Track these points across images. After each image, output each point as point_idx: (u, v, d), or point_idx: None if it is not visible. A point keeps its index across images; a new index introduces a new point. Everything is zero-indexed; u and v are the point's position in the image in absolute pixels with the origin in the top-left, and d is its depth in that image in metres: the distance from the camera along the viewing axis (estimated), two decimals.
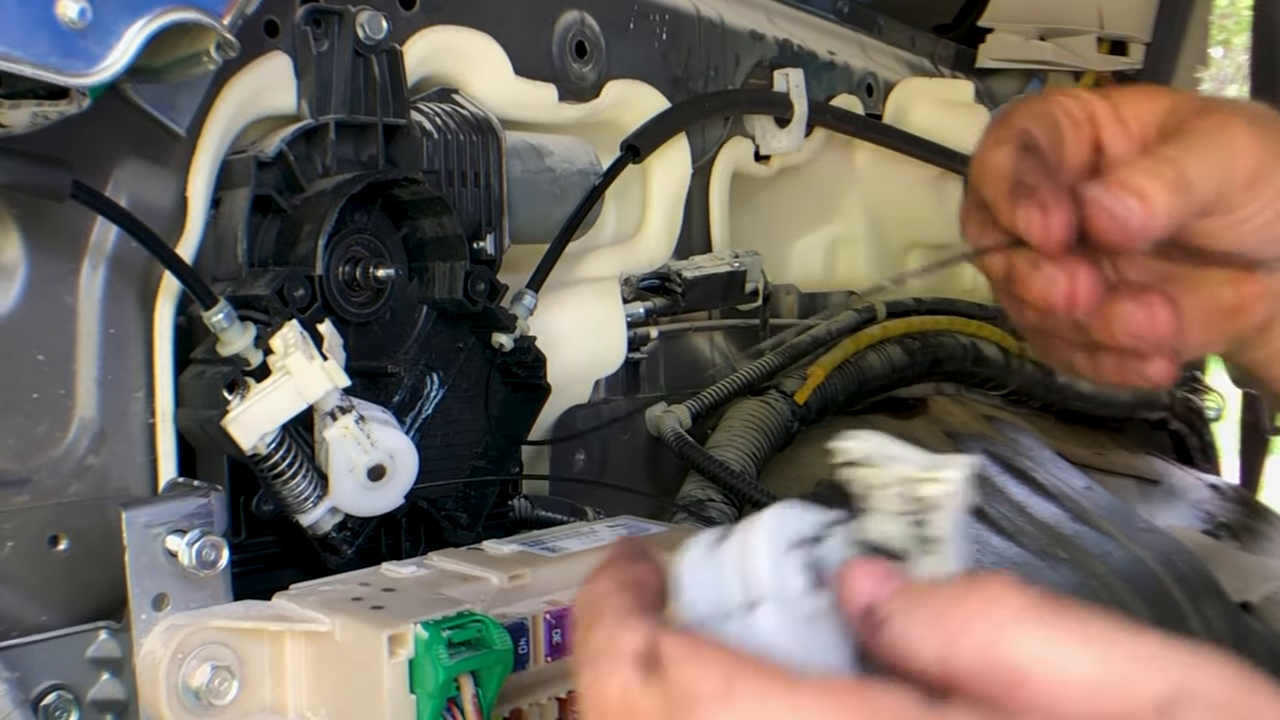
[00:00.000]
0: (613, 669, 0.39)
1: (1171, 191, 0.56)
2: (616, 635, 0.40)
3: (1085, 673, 0.35)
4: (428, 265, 0.82)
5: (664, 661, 0.38)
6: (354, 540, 0.76)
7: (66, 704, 0.64)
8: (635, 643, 0.39)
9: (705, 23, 1.06)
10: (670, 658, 0.38)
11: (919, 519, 0.41)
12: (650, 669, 0.38)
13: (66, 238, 0.68)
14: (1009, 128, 0.61)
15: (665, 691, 0.38)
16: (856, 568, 0.39)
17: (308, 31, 0.77)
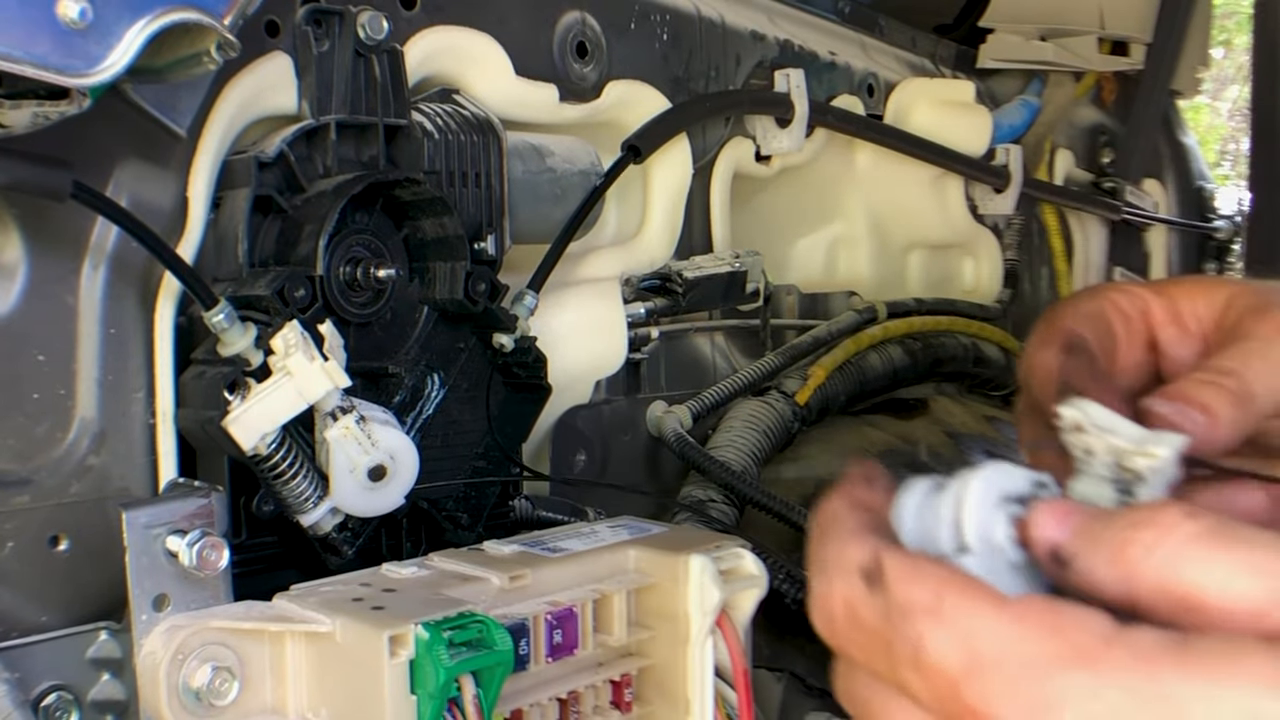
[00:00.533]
0: (841, 579, 0.44)
1: (1235, 405, 0.53)
2: (846, 549, 0.45)
3: (1253, 593, 0.38)
4: (429, 266, 0.82)
5: (885, 575, 0.43)
6: (354, 541, 0.76)
7: (67, 704, 0.64)
8: (862, 557, 0.44)
9: (706, 23, 1.06)
10: (891, 572, 0.43)
11: (1125, 488, 0.45)
12: (873, 581, 0.43)
13: (67, 238, 0.68)
14: (1057, 327, 0.59)
15: (885, 601, 0.42)
16: (1040, 511, 0.43)
17: (308, 31, 0.77)
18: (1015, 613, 0.40)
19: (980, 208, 1.43)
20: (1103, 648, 0.38)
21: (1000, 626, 0.40)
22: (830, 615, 0.45)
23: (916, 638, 0.41)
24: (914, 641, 0.41)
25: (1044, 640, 0.39)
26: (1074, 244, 1.59)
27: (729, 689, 0.67)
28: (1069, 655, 0.38)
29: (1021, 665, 0.39)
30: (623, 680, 0.67)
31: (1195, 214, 1.82)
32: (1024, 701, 0.39)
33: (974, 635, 0.40)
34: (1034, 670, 0.39)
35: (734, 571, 0.67)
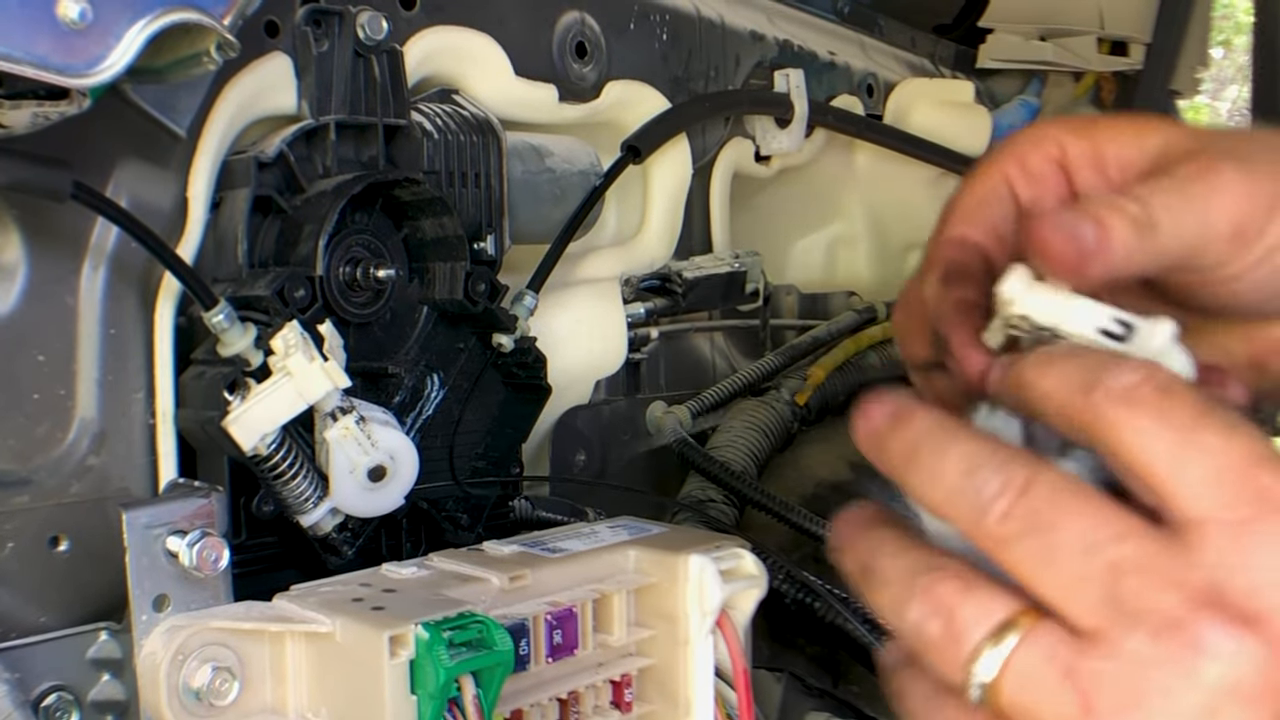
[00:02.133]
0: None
1: (1132, 227, 0.49)
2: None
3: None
4: (428, 266, 0.82)
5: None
6: (354, 541, 0.76)
7: (67, 705, 0.64)
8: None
9: (705, 23, 1.06)
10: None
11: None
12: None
13: (67, 238, 0.68)
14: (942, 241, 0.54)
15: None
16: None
17: (308, 32, 0.77)
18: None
19: None
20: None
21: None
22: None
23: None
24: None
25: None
26: None
27: (729, 689, 0.67)
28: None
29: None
30: (623, 680, 0.67)
31: None
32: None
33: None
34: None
35: (734, 571, 0.67)
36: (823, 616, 0.89)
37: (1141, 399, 0.41)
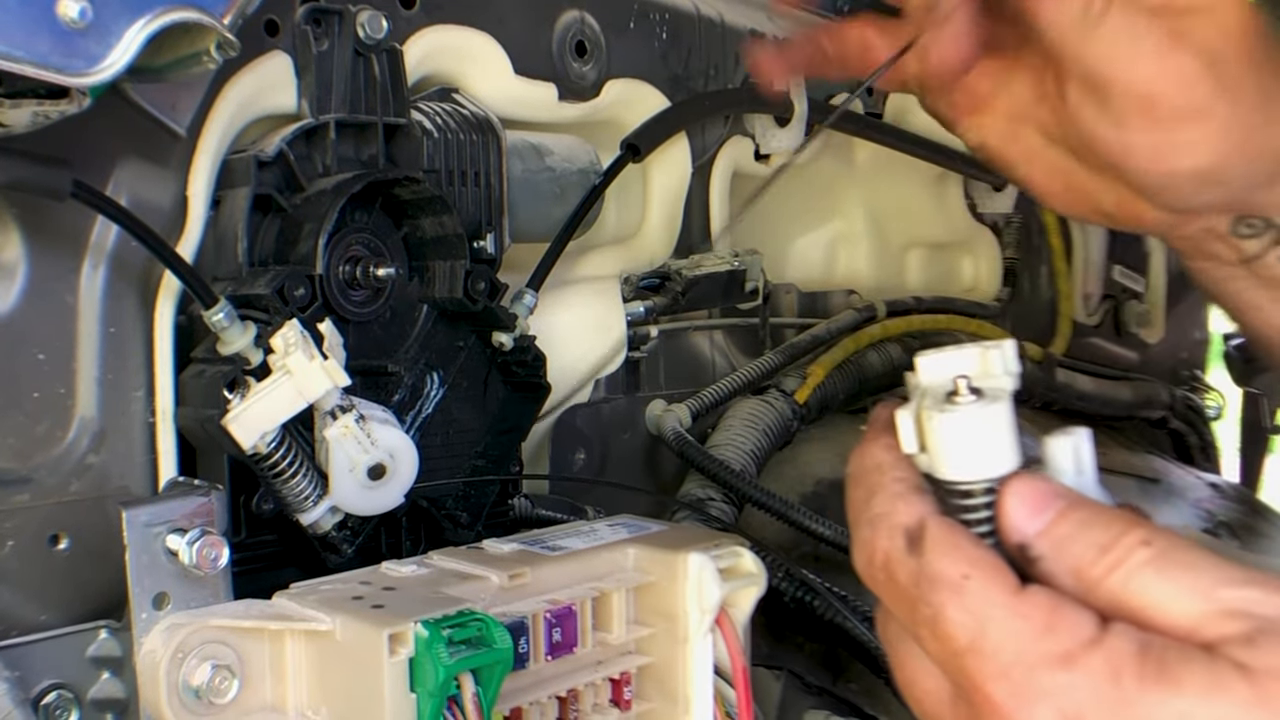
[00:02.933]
0: (887, 534, 0.49)
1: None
2: (896, 506, 0.49)
3: (1190, 613, 0.44)
4: (428, 264, 0.82)
5: (925, 543, 0.47)
6: (354, 539, 0.76)
7: (67, 703, 0.64)
8: (909, 519, 0.48)
9: (705, 22, 1.06)
10: (931, 541, 0.47)
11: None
12: (914, 545, 0.48)
13: (67, 237, 0.68)
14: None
15: (919, 566, 0.47)
16: (1013, 499, 0.48)
17: (308, 31, 0.77)
18: (1022, 607, 0.45)
19: (979, 206, 1.43)
20: (1084, 652, 0.44)
21: (1007, 617, 0.45)
22: (870, 562, 0.50)
23: (939, 605, 0.46)
24: (935, 608, 0.47)
25: (1040, 636, 0.45)
26: (1073, 242, 1.59)
27: (728, 687, 0.67)
28: (1058, 654, 0.44)
29: (1017, 655, 0.45)
30: (622, 678, 0.67)
31: None
32: (1011, 688, 0.45)
33: (984, 619, 0.45)
34: (1025, 662, 0.45)
35: (733, 569, 0.67)
36: (822, 614, 0.89)
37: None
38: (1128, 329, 1.66)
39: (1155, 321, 1.70)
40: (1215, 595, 0.44)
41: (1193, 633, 0.44)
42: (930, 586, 0.47)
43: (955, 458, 0.48)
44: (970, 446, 0.48)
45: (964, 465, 0.48)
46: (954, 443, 0.48)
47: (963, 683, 0.47)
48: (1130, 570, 0.46)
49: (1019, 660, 0.45)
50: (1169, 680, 0.43)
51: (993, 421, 0.48)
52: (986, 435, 0.48)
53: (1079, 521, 0.47)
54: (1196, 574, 0.45)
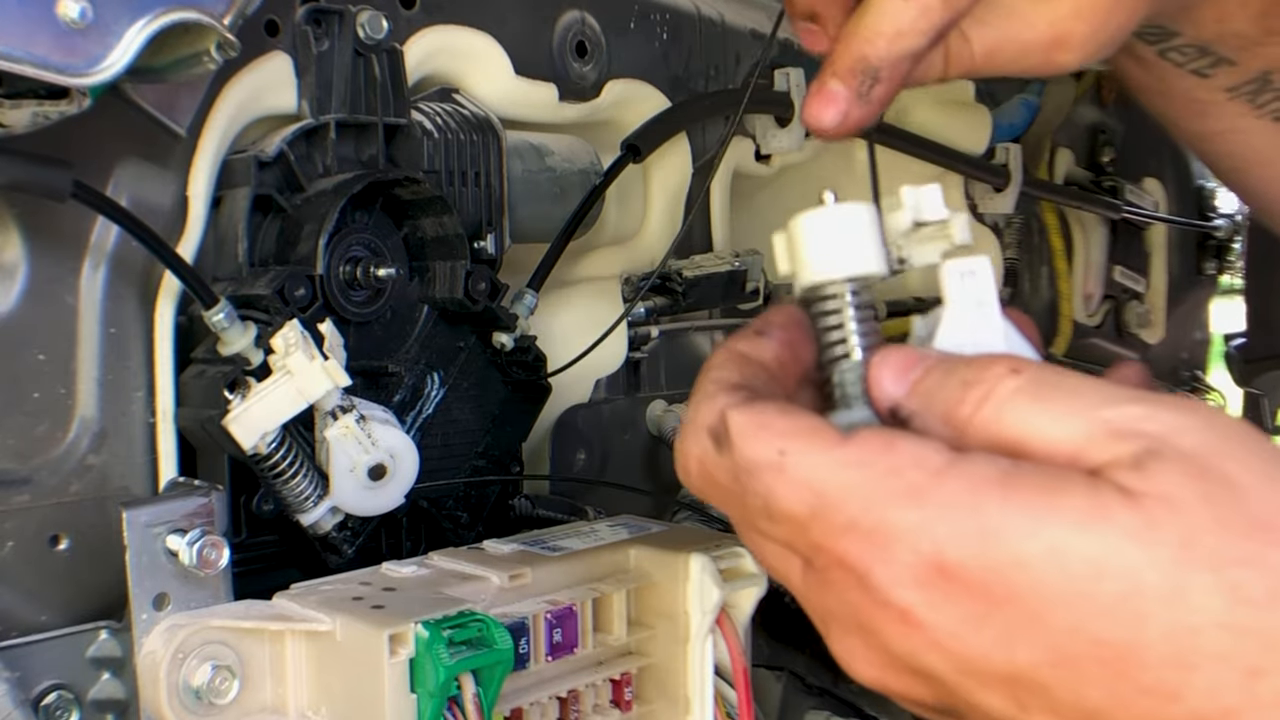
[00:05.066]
0: (694, 439, 0.47)
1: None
2: (700, 408, 0.47)
3: (1071, 436, 0.40)
4: (428, 265, 0.82)
5: (730, 435, 0.44)
6: (354, 540, 0.76)
7: (67, 703, 0.64)
8: (711, 417, 0.46)
9: (706, 22, 1.06)
10: (734, 432, 0.44)
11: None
12: (720, 442, 0.45)
13: (67, 238, 0.68)
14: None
15: (732, 461, 0.44)
16: (879, 368, 0.46)
17: (308, 31, 0.77)
18: (851, 455, 0.42)
19: (980, 206, 1.43)
20: (934, 482, 0.41)
21: (840, 471, 0.42)
22: (687, 473, 0.48)
23: (765, 492, 0.43)
24: (763, 496, 0.44)
25: (881, 479, 0.41)
26: (1074, 243, 1.59)
27: (729, 688, 0.67)
28: (904, 492, 0.41)
29: (862, 504, 0.41)
30: (622, 679, 0.67)
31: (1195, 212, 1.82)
32: (861, 539, 0.41)
33: (816, 484, 0.42)
34: (873, 508, 0.41)
35: (733, 570, 0.67)
36: None
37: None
38: (1128, 329, 1.66)
39: (1156, 322, 1.70)
40: (1098, 416, 0.40)
41: (1076, 459, 0.40)
42: (750, 477, 0.44)
43: (810, 259, 0.48)
44: (825, 245, 0.47)
45: (819, 265, 0.47)
46: (809, 243, 0.47)
47: (816, 556, 0.44)
48: (1000, 401, 0.42)
49: (865, 509, 0.41)
50: (1041, 506, 0.39)
51: (847, 220, 0.47)
52: (841, 233, 0.47)
53: (945, 369, 0.44)
54: (1076, 396, 0.41)
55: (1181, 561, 0.38)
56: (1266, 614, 0.37)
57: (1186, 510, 0.38)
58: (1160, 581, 0.38)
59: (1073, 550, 0.38)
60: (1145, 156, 1.70)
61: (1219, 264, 1.84)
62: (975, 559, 0.40)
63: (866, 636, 0.44)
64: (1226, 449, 0.39)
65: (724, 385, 0.47)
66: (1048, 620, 0.39)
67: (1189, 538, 0.38)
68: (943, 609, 0.41)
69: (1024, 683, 0.40)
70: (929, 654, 0.42)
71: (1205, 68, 0.65)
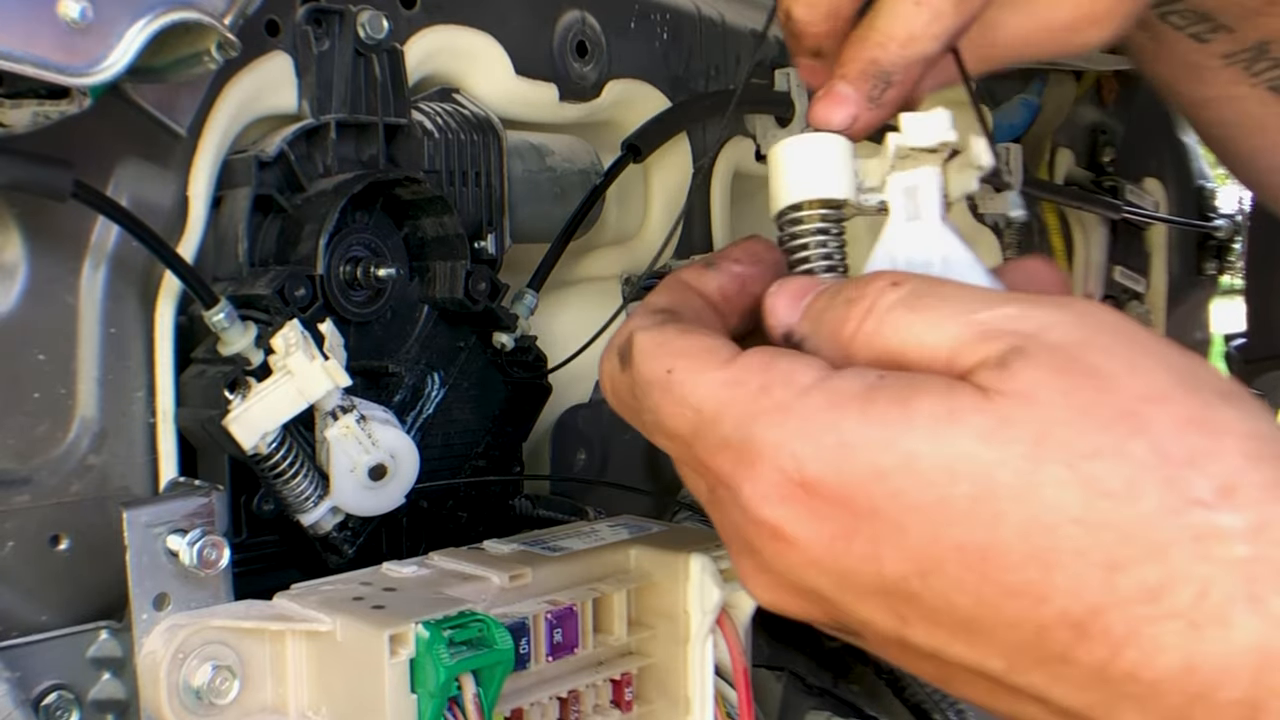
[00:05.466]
0: (607, 357, 0.50)
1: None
2: (619, 330, 0.49)
3: (945, 342, 0.41)
4: (429, 265, 0.82)
5: (633, 352, 0.47)
6: (355, 540, 0.76)
7: (67, 704, 0.64)
8: (621, 338, 0.49)
9: (706, 22, 1.06)
10: (635, 352, 0.47)
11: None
12: (625, 360, 0.48)
13: (67, 237, 0.68)
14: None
15: (631, 378, 0.47)
16: (774, 296, 0.48)
17: (308, 31, 0.77)
18: (731, 374, 0.43)
19: (980, 207, 1.42)
20: (798, 400, 0.41)
21: (718, 391, 0.43)
22: (603, 388, 0.50)
23: (655, 407, 0.46)
24: (654, 411, 0.46)
25: (753, 398, 0.42)
26: (1074, 243, 1.59)
27: (729, 688, 0.67)
28: (770, 409, 0.42)
29: (734, 422, 0.43)
30: (623, 679, 0.67)
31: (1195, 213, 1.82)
32: (733, 456, 0.42)
33: (696, 402, 0.44)
34: (742, 425, 0.42)
35: (734, 571, 0.67)
36: None
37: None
38: None
39: (1156, 322, 1.70)
40: (972, 319, 0.40)
41: (950, 364, 0.40)
42: (644, 392, 0.46)
43: (777, 184, 0.50)
44: (792, 170, 0.50)
45: (785, 190, 0.50)
46: (778, 169, 0.50)
47: (701, 473, 0.45)
48: (881, 315, 0.42)
49: (735, 426, 0.42)
50: (895, 418, 0.39)
51: (814, 148, 0.49)
52: (807, 159, 0.49)
53: (833, 291, 0.45)
54: (952, 302, 0.41)
55: (1034, 458, 0.37)
56: (1125, 506, 0.36)
57: (1043, 405, 0.38)
58: (1013, 480, 0.37)
59: (925, 457, 0.38)
60: (1145, 156, 1.70)
61: (1219, 264, 1.84)
62: (834, 474, 0.40)
63: (754, 556, 0.45)
64: (1096, 340, 0.39)
65: (648, 309, 0.50)
66: (909, 530, 0.39)
67: (1043, 434, 0.37)
68: (810, 524, 0.41)
69: (897, 594, 0.40)
70: (806, 571, 0.42)
71: (1204, 33, 0.65)
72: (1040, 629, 0.38)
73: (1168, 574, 0.35)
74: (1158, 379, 0.38)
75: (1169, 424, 0.37)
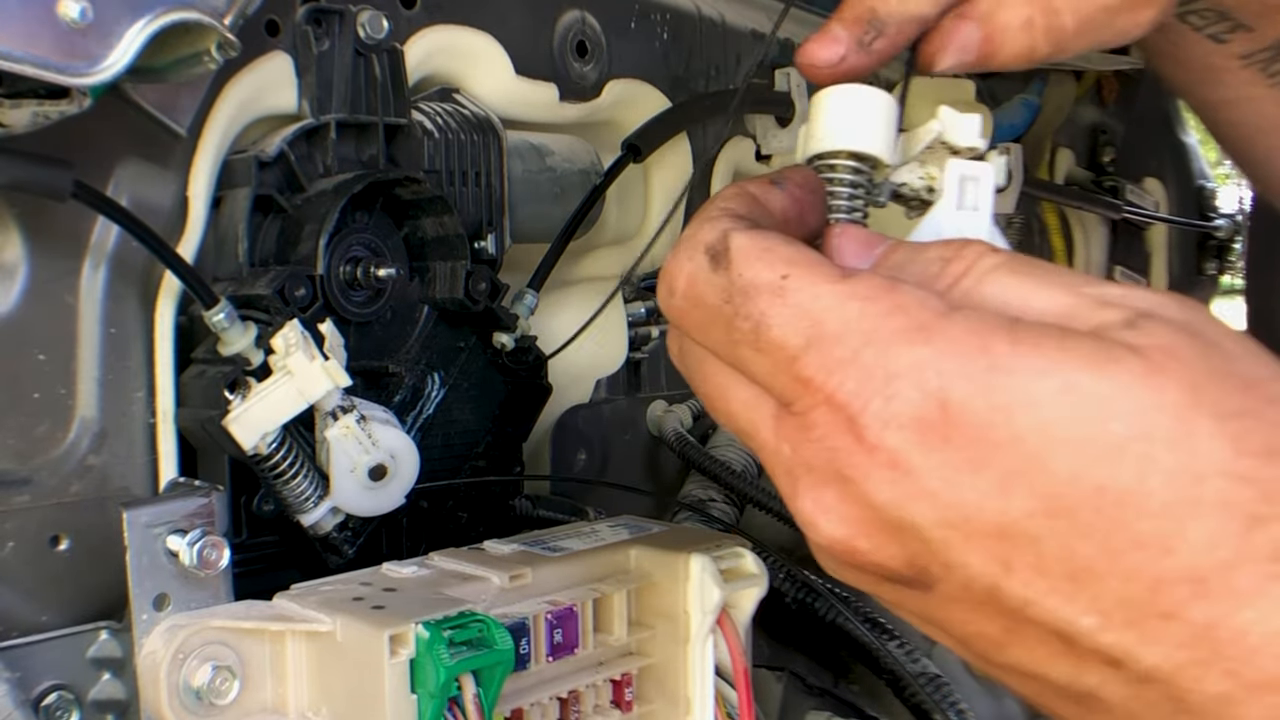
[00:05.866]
0: (688, 255, 0.45)
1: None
2: (699, 228, 0.45)
3: (1060, 305, 0.40)
4: (429, 265, 0.82)
5: (731, 254, 0.43)
6: (355, 540, 0.76)
7: (67, 704, 0.64)
8: (711, 237, 0.44)
9: (706, 22, 1.06)
10: (737, 252, 0.43)
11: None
12: (718, 261, 0.44)
13: (67, 237, 0.68)
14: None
15: (728, 280, 0.43)
16: (841, 239, 0.46)
17: (309, 31, 0.77)
18: (858, 289, 0.41)
19: None
20: (941, 322, 0.40)
21: (843, 302, 0.41)
22: (671, 289, 0.46)
23: (759, 315, 0.42)
24: (755, 319, 0.42)
25: (886, 315, 0.40)
26: (1074, 243, 1.59)
27: (729, 688, 0.67)
28: (910, 328, 0.40)
29: (864, 338, 0.40)
30: (623, 679, 0.67)
31: (1196, 213, 1.82)
32: (861, 373, 0.40)
33: (817, 311, 0.41)
34: (876, 343, 0.40)
35: (734, 571, 0.67)
36: (823, 616, 0.89)
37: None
38: None
39: None
40: (1080, 290, 0.40)
41: (1066, 321, 0.40)
42: (745, 298, 0.42)
43: (819, 129, 0.50)
44: (838, 116, 0.49)
45: (825, 135, 0.49)
46: (824, 112, 0.49)
47: (799, 393, 0.41)
48: (980, 274, 0.42)
49: (869, 342, 0.40)
50: (1051, 347, 0.38)
51: (864, 100, 0.50)
52: (854, 110, 0.49)
53: (912, 248, 0.44)
54: (1055, 274, 0.41)
55: (1189, 406, 0.37)
56: (1265, 465, 0.37)
57: (1189, 361, 0.38)
58: (1170, 425, 0.37)
59: (1085, 389, 0.37)
60: (1146, 156, 1.70)
61: (1220, 264, 1.84)
62: (983, 397, 0.38)
63: (844, 486, 0.41)
64: (1207, 320, 0.40)
65: (729, 213, 0.46)
66: (1050, 465, 0.38)
67: (1195, 385, 0.37)
68: (938, 453, 0.39)
69: (1014, 535, 0.39)
70: (914, 503, 0.40)
71: (1223, 32, 0.65)
72: (1156, 582, 0.37)
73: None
74: (1264, 358, 0.39)
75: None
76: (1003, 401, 0.38)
